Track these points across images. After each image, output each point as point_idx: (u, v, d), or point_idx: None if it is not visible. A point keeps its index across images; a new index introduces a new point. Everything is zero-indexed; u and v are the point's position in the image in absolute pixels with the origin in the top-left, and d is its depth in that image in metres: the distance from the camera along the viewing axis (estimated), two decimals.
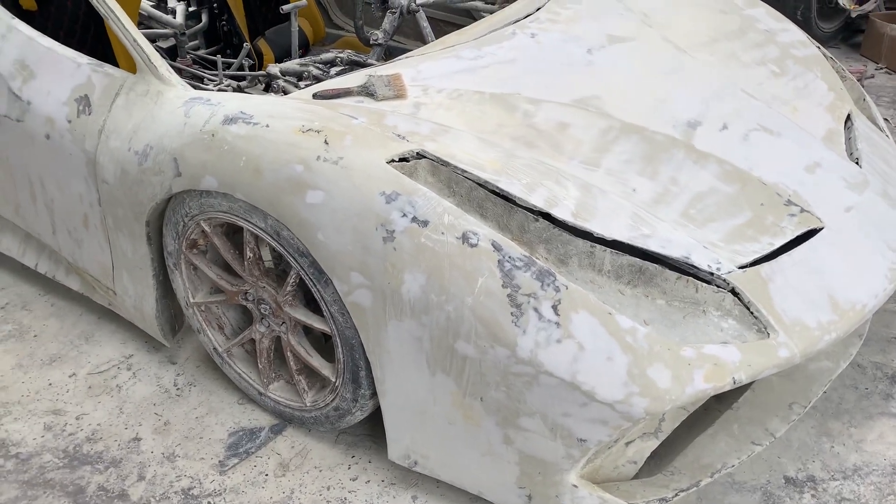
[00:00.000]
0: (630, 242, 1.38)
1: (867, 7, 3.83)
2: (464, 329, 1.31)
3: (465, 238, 1.31)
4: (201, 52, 2.95)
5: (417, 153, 1.42)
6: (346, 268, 1.38)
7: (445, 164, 1.41)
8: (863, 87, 3.42)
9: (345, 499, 1.61)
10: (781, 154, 1.74)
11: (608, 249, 1.38)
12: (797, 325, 1.41)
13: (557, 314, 1.28)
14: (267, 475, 1.68)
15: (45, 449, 1.76)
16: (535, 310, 1.28)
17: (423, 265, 1.32)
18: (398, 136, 1.45)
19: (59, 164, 1.81)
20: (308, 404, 1.68)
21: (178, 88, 1.66)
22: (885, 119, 3.11)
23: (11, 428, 1.81)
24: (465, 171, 1.40)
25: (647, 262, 1.39)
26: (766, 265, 1.47)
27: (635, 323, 1.30)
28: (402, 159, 1.41)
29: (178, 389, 1.92)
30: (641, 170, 1.61)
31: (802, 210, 1.60)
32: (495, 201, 1.39)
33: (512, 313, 1.28)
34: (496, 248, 1.31)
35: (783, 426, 1.58)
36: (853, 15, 3.86)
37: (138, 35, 1.71)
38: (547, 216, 1.38)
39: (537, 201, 1.38)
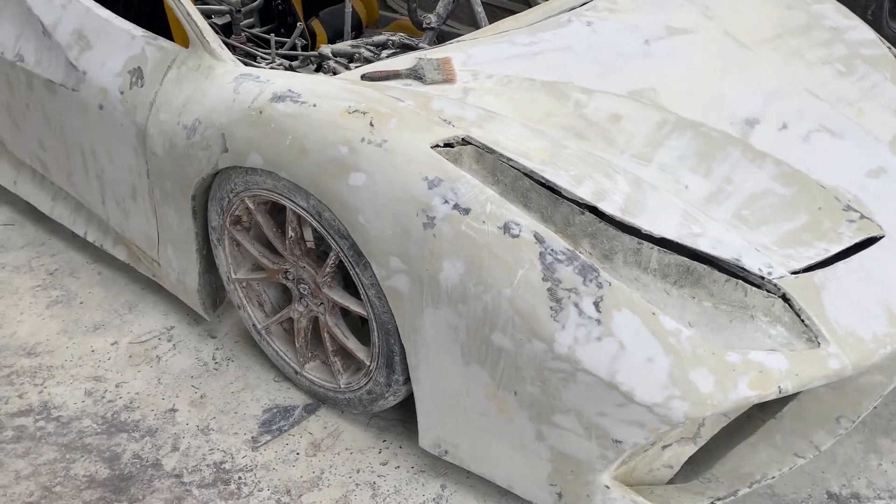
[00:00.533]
0: (679, 241, 1.34)
1: None
2: (500, 321, 1.29)
3: (506, 228, 1.28)
4: (256, 31, 2.97)
5: (463, 139, 1.40)
6: (386, 252, 1.37)
7: (491, 151, 1.38)
8: None
9: (374, 483, 1.61)
10: (843, 157, 1.66)
11: (655, 247, 1.33)
12: (850, 335, 1.35)
13: (599, 311, 1.24)
14: (298, 454, 1.68)
15: (84, 414, 1.80)
16: (576, 305, 1.25)
17: (463, 253, 1.30)
18: (444, 120, 1.43)
19: (110, 135, 1.83)
20: (342, 386, 1.68)
21: (229, 64, 1.66)
22: None
23: (54, 391, 1.85)
24: (511, 160, 1.37)
25: (695, 262, 1.34)
26: (820, 272, 1.41)
27: (679, 324, 1.26)
28: (447, 145, 1.38)
29: (216, 363, 1.94)
30: (695, 167, 1.56)
31: (862, 216, 1.53)
32: (540, 192, 1.36)
33: (551, 307, 1.25)
34: (538, 239, 1.28)
35: (829, 439, 1.52)
36: None
37: (192, 9, 1.72)
38: (593, 210, 1.34)
39: (584, 194, 1.35)
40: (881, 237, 1.51)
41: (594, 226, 1.34)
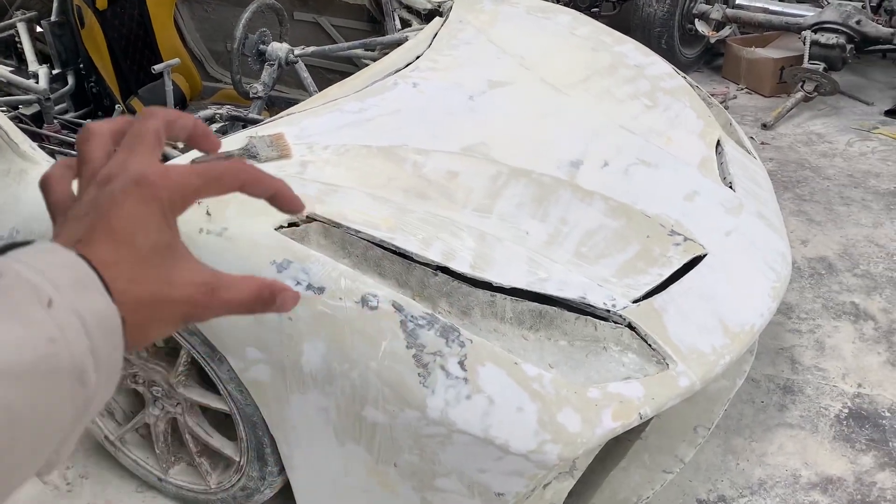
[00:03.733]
0: (528, 288, 1.39)
1: (723, 33, 4.09)
2: (371, 395, 1.28)
3: (364, 301, 1.28)
4: (70, 116, 2.81)
5: (307, 216, 1.39)
6: (241, 343, 1.32)
7: (337, 225, 1.38)
8: (727, 107, 3.64)
9: None
10: (661, 185, 1.81)
11: (508, 297, 1.38)
12: (693, 352, 1.46)
13: (465, 369, 1.26)
14: None
15: None
16: (442, 367, 1.26)
17: (323, 333, 1.28)
18: None
19: None
20: (213, 486, 1.59)
21: (42, 165, 1.56)
22: (750, 137, 3.31)
23: None
24: (359, 231, 1.37)
25: (546, 305, 1.40)
26: (658, 297, 1.51)
27: (540, 369, 1.30)
28: (292, 224, 1.37)
29: (68, 484, 1.78)
30: (533, 212, 1.63)
31: (686, 238, 1.66)
32: (392, 259, 1.37)
33: (419, 374, 1.26)
34: (397, 308, 1.28)
35: (691, 450, 1.62)
36: (712, 41, 4.11)
37: None
38: (445, 270, 1.37)
39: (434, 256, 1.37)
40: (705, 255, 1.65)
41: (448, 285, 1.37)
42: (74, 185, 0.48)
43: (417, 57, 2.12)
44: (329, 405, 1.31)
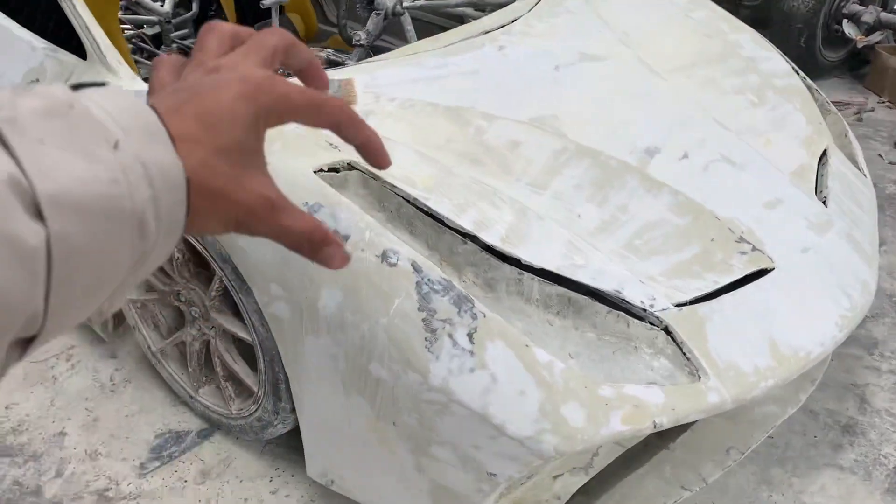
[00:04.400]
0: (558, 272, 1.33)
1: (874, 38, 3.74)
2: (377, 351, 1.26)
3: (384, 257, 1.26)
4: (189, 42, 2.92)
5: (349, 164, 1.38)
6: (266, 278, 1.34)
7: (375, 177, 1.36)
8: (860, 119, 3.34)
9: (262, 501, 1.57)
10: (742, 188, 1.68)
11: (536, 278, 1.32)
12: (731, 369, 1.35)
13: (472, 342, 1.23)
14: (186, 481, 1.64)
15: None
16: (450, 336, 1.23)
17: (341, 282, 1.27)
18: (331, 144, 1.40)
19: None
20: (234, 412, 1.64)
21: (125, 80, 1.62)
22: (879, 155, 3.03)
23: None
24: (394, 187, 1.35)
25: (576, 293, 1.33)
26: (705, 304, 1.41)
27: (553, 357, 1.24)
28: (332, 169, 1.36)
29: (113, 385, 1.88)
30: (591, 195, 1.55)
31: (755, 248, 1.54)
32: (424, 220, 1.34)
33: (426, 338, 1.23)
34: (416, 269, 1.26)
35: (717, 471, 1.52)
36: (859, 45, 3.77)
37: (90, 20, 1.67)
38: (475, 239, 1.33)
39: (465, 223, 1.33)
40: (771, 269, 1.52)
41: (476, 255, 1.33)
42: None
43: (514, 20, 2.05)
44: (339, 353, 1.31)
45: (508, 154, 1.59)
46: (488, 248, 1.33)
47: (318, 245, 0.47)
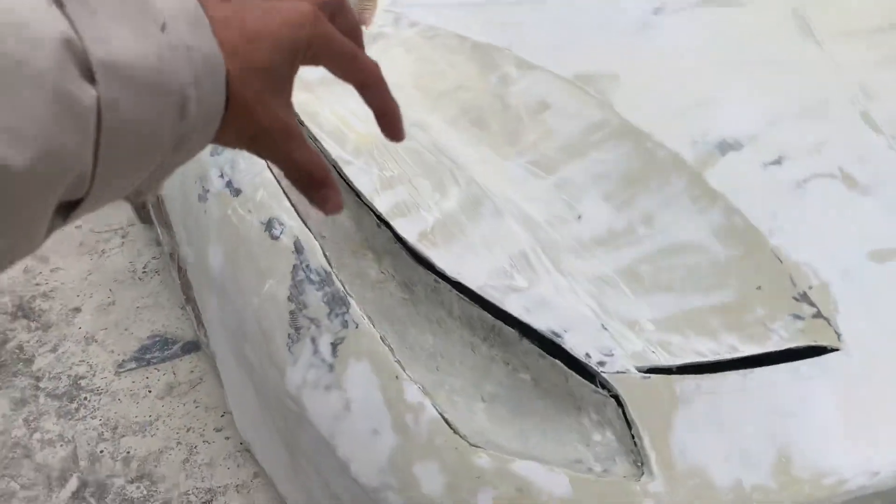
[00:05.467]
0: (480, 292, 1.01)
1: None
2: (249, 333, 1.08)
3: (269, 226, 1.05)
4: None
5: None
6: (176, 218, 1.19)
7: (302, 123, 1.12)
8: None
9: (195, 447, 1.51)
10: (848, 223, 1.18)
11: (454, 290, 1.03)
12: (694, 476, 0.97)
13: (335, 355, 0.99)
14: (150, 391, 1.61)
15: (8, 291, 1.85)
16: (313, 341, 1.00)
17: (224, 243, 1.08)
18: None
19: None
20: (199, 336, 1.56)
21: None
22: None
23: None
24: (317, 141, 1.10)
25: (503, 322, 1.02)
26: (693, 378, 1.02)
27: (426, 399, 0.97)
28: None
29: (144, 272, 1.90)
30: (611, 192, 1.18)
31: (819, 315, 1.08)
32: (346, 189, 1.09)
33: (289, 335, 1.02)
34: (297, 249, 1.03)
35: None
36: None
37: None
38: (389, 225, 1.05)
39: (383, 203, 1.06)
40: (832, 350, 1.06)
41: (391, 245, 1.06)
42: None
43: None
44: (224, 321, 1.14)
45: (526, 118, 1.25)
46: (402, 241, 1.05)
47: (318, 184, 0.50)
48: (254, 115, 0.44)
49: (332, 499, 1.07)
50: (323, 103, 1.16)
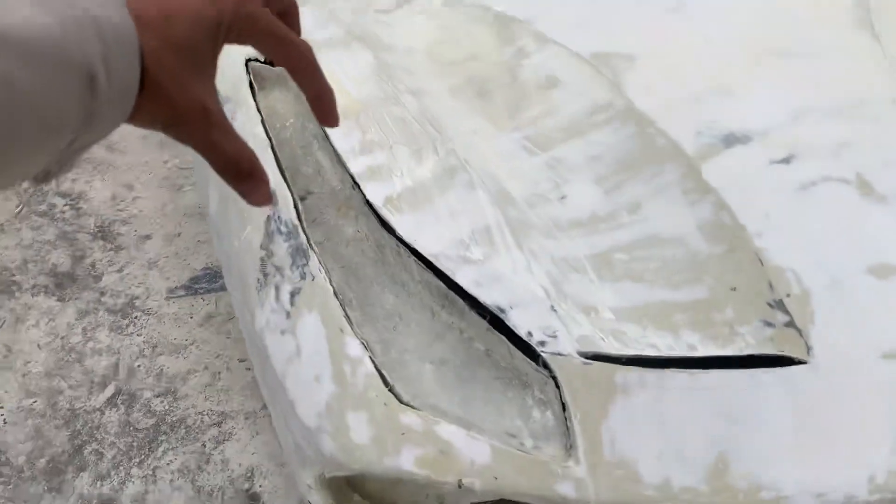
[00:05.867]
0: (433, 259, 1.05)
1: None
2: (233, 272, 1.17)
3: None
4: None
5: None
6: (199, 162, 1.29)
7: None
8: None
9: (218, 373, 1.64)
10: (846, 230, 1.10)
11: (413, 256, 1.07)
12: (621, 467, 0.98)
13: (292, 304, 1.06)
14: (192, 318, 1.76)
15: (95, 213, 2.05)
16: (276, 288, 1.08)
17: (219, 187, 1.17)
18: None
19: None
20: None
21: None
22: None
23: (93, 185, 2.14)
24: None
25: (454, 292, 1.05)
26: (637, 371, 1.01)
27: (366, 355, 1.02)
28: (270, 62, 1.21)
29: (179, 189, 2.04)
30: (603, 176, 1.17)
31: (791, 324, 1.03)
32: (327, 147, 1.14)
33: (258, 280, 1.10)
34: (273, 200, 1.10)
35: None
36: None
37: None
38: (359, 187, 1.10)
39: (357, 166, 1.10)
40: (799, 362, 1.01)
41: (362, 207, 1.11)
42: None
43: None
44: (221, 259, 1.24)
45: (532, 93, 1.25)
46: (369, 203, 1.09)
47: (244, 174, 0.48)
48: (170, 96, 0.41)
49: (290, 433, 1.15)
50: (329, 63, 1.21)
